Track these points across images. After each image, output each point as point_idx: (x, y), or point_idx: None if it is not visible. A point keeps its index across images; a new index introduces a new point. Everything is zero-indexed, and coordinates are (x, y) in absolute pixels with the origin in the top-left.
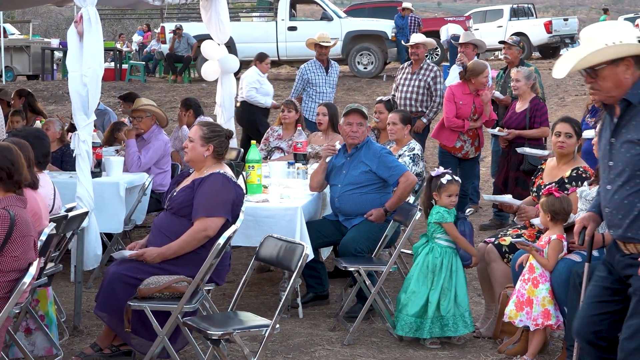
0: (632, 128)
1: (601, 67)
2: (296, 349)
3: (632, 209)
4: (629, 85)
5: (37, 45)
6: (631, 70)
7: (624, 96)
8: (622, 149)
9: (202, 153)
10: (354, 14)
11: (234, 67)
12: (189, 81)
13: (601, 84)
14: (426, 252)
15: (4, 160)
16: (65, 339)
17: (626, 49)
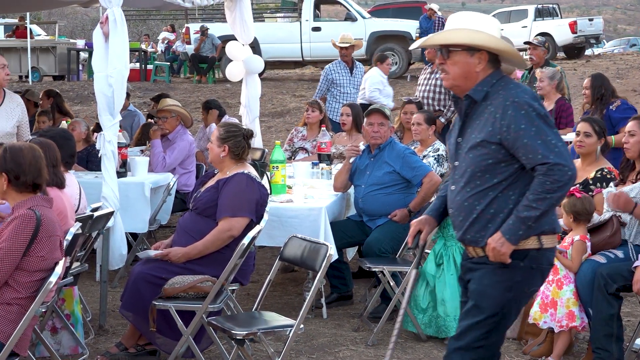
0: (476, 127)
1: (455, 50)
2: (320, 349)
3: (472, 211)
4: (477, 80)
5: (63, 46)
6: (483, 65)
7: (469, 92)
8: (465, 149)
9: (219, 154)
10: (378, 15)
11: (258, 67)
12: (214, 82)
13: (451, 68)
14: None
15: (9, 162)
16: (91, 338)
17: (486, 38)
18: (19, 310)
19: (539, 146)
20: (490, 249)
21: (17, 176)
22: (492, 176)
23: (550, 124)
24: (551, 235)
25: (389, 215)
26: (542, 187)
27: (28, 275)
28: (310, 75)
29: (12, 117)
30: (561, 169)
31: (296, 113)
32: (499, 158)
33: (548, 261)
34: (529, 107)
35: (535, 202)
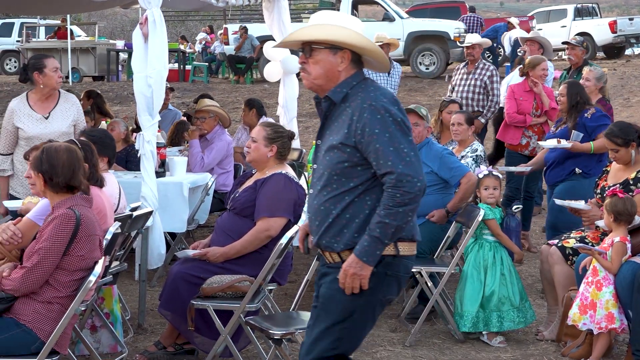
0: (334, 129)
1: (318, 48)
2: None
3: (328, 216)
4: (339, 80)
5: (103, 46)
6: (346, 65)
7: (328, 94)
8: (323, 152)
9: (266, 153)
10: (416, 15)
11: (296, 67)
12: (251, 82)
13: (312, 67)
14: (476, 250)
15: (44, 163)
16: (130, 336)
17: (350, 34)
18: (60, 309)
19: (390, 153)
20: (349, 275)
21: (51, 177)
22: (349, 180)
23: (406, 131)
24: (409, 242)
25: (427, 215)
26: (393, 201)
27: (68, 275)
28: None
29: (68, 117)
30: (410, 180)
31: None
32: (355, 161)
33: (406, 269)
34: (385, 112)
35: (387, 217)
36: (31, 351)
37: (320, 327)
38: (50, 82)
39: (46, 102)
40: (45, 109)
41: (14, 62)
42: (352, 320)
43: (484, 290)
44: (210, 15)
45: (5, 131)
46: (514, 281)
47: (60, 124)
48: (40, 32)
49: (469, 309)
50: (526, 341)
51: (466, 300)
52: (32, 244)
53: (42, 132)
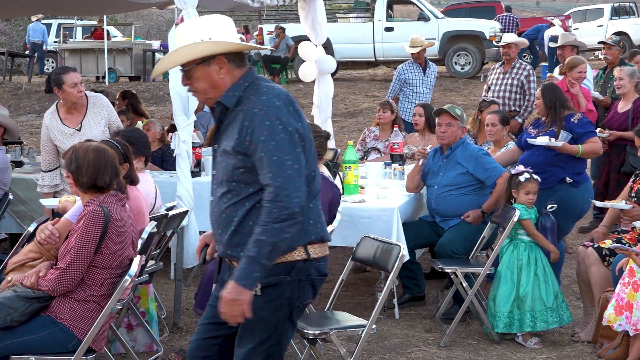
0: (229, 134)
1: (191, 68)
2: (392, 350)
3: (230, 224)
4: (227, 86)
5: (139, 47)
6: (226, 70)
7: (219, 99)
8: (219, 157)
9: None
10: (451, 14)
11: (331, 68)
12: (286, 82)
13: (196, 85)
14: (511, 250)
15: (72, 163)
16: (165, 335)
17: (213, 46)
18: (96, 307)
19: (273, 163)
20: (228, 303)
21: (77, 177)
22: (247, 186)
23: (295, 141)
24: (319, 244)
25: (462, 216)
26: (269, 217)
27: (101, 273)
28: (383, 75)
29: (100, 122)
30: (288, 195)
31: (368, 113)
32: (250, 167)
33: (319, 271)
34: (275, 119)
35: (263, 234)
36: (68, 349)
37: (246, 347)
38: (69, 98)
39: (76, 113)
40: (76, 120)
41: (51, 62)
42: (277, 334)
43: (518, 290)
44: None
45: (45, 149)
46: (548, 281)
47: (93, 132)
48: (77, 33)
49: (502, 309)
50: (562, 342)
51: (499, 301)
52: (64, 243)
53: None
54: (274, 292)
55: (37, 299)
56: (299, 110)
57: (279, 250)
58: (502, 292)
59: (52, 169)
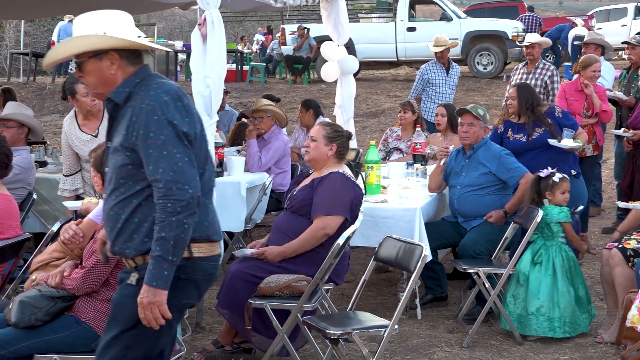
0: (119, 131)
1: (83, 60)
2: (414, 350)
3: (117, 221)
4: (117, 82)
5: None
6: (117, 65)
7: (109, 95)
8: (110, 154)
9: (326, 152)
10: (473, 14)
11: (353, 68)
12: (309, 82)
13: (87, 78)
14: (556, 252)
15: (103, 164)
16: (188, 335)
17: (104, 41)
18: None
19: (162, 159)
20: (144, 306)
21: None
22: (135, 183)
23: (181, 136)
24: (205, 243)
25: (485, 216)
26: (164, 212)
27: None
28: (405, 75)
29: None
30: (180, 187)
31: (391, 113)
32: (138, 163)
33: (204, 271)
34: (162, 114)
35: (162, 231)
36: (91, 348)
37: (110, 333)
38: (83, 106)
39: (93, 119)
40: (93, 127)
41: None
42: (141, 327)
43: (551, 291)
44: (267, 16)
45: (65, 154)
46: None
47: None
48: None
49: (540, 311)
50: (585, 344)
51: (536, 303)
52: (90, 243)
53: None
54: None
55: (62, 299)
56: (189, 106)
57: (182, 242)
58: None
59: (73, 173)
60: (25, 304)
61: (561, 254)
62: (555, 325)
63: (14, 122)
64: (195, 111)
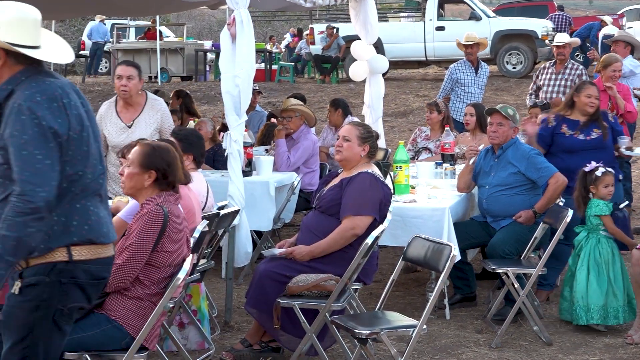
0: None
1: None
2: (443, 350)
3: None
4: (3, 78)
5: (191, 47)
6: (2, 62)
7: None
8: None
9: (359, 153)
10: (503, 13)
11: (382, 67)
12: (337, 82)
13: None
14: (593, 245)
15: (161, 161)
16: (217, 334)
17: None
18: (149, 305)
19: (22, 158)
20: None
21: (166, 175)
22: (11, 182)
23: (48, 136)
24: (87, 246)
25: (514, 216)
26: (13, 211)
27: (157, 271)
28: (434, 74)
29: (151, 125)
30: (33, 189)
31: (419, 113)
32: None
33: (88, 274)
34: (31, 113)
35: (6, 229)
36: (121, 346)
37: (5, 345)
38: (115, 88)
39: (131, 110)
40: (130, 117)
41: (104, 62)
42: (32, 336)
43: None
44: (296, 15)
45: None
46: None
47: (142, 133)
48: (131, 33)
49: (597, 302)
50: (615, 345)
51: (592, 293)
52: (121, 241)
53: (124, 141)
54: (32, 292)
55: None
56: (69, 106)
57: (25, 245)
58: (594, 284)
59: None
60: None
61: (598, 246)
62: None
63: None
64: (80, 111)
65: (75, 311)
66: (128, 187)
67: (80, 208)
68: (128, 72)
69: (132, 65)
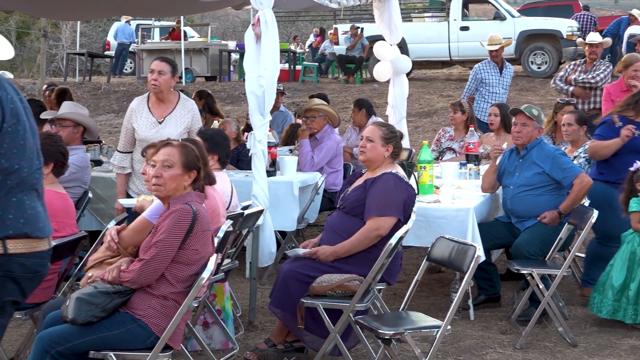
0: None
1: None
2: (467, 351)
3: None
4: None
5: (215, 47)
6: None
7: None
8: None
9: (382, 153)
10: (527, 13)
11: (406, 67)
12: (361, 82)
13: None
14: (636, 242)
15: (200, 161)
16: (241, 333)
17: None
18: (174, 304)
19: None
20: None
21: (200, 174)
22: None
23: None
24: (22, 239)
25: (539, 216)
26: None
27: (184, 269)
28: (458, 75)
29: (181, 124)
30: None
31: (443, 113)
32: None
33: (23, 268)
34: None
35: None
36: (146, 345)
37: None
38: (147, 82)
39: (163, 106)
40: (162, 113)
41: (129, 62)
42: None
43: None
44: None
45: (125, 130)
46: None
47: (172, 131)
48: (155, 34)
49: (609, 296)
50: None
51: (607, 287)
52: (148, 238)
53: (154, 136)
54: None
55: (118, 294)
56: (5, 100)
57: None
58: (611, 279)
59: (125, 152)
60: (82, 301)
61: (633, 243)
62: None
63: (69, 122)
64: (17, 105)
65: (8, 305)
66: (169, 189)
67: (17, 202)
68: (160, 67)
69: (166, 61)
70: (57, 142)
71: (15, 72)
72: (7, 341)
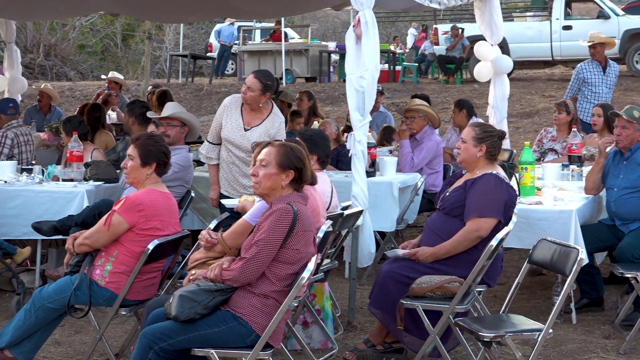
0: None
1: None
2: (569, 356)
3: None
4: None
5: (315, 48)
6: None
7: None
8: None
9: (475, 154)
10: (632, 12)
11: (507, 67)
12: (461, 82)
13: None
14: None
15: (297, 161)
16: (340, 333)
17: None
18: (274, 303)
19: None
20: None
21: (301, 175)
22: None
23: None
24: None
25: None
26: None
27: (285, 268)
28: (560, 75)
29: (265, 137)
30: None
31: (545, 114)
32: None
33: None
34: None
35: None
36: (246, 343)
37: None
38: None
39: (254, 114)
40: (251, 121)
41: (230, 63)
42: None
43: None
44: (420, 16)
45: (216, 122)
46: None
47: (255, 140)
48: (256, 35)
49: None
50: None
51: None
52: (249, 237)
53: (237, 140)
54: None
55: (220, 292)
56: None
57: None
58: None
59: (214, 144)
60: (185, 298)
61: None
62: None
63: (177, 121)
64: None
65: None
66: (264, 187)
67: None
68: (250, 83)
69: (259, 79)
70: (159, 142)
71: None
72: (112, 337)
